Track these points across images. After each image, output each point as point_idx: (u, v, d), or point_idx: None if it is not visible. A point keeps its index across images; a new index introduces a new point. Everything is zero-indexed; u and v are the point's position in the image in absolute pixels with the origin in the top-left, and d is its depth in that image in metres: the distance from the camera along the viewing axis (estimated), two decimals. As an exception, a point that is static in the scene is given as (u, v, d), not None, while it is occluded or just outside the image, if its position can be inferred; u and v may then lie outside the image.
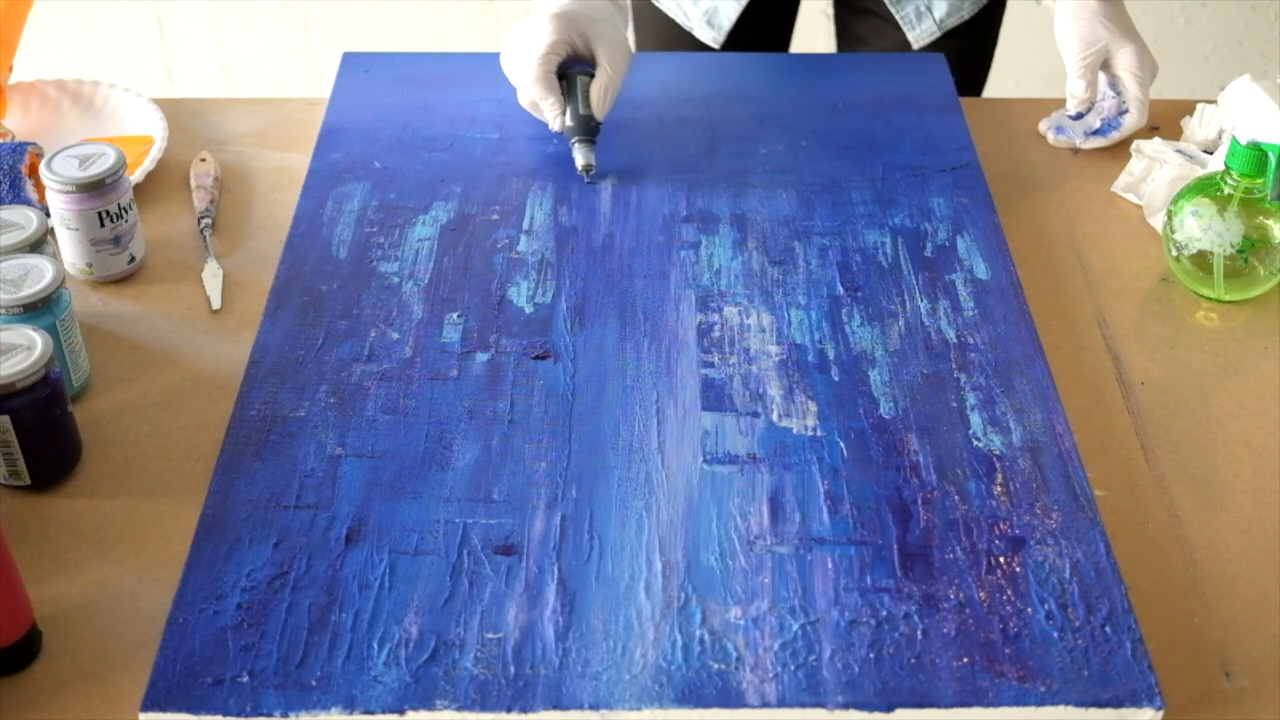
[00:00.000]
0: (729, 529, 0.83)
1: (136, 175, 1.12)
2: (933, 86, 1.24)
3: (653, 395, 0.92)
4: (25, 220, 0.97)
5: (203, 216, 1.10)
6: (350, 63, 1.26)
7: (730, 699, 0.74)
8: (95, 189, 1.01)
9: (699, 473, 0.87)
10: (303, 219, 1.08)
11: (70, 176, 1.00)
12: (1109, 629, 0.78)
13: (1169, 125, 1.22)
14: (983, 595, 0.80)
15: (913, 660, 0.76)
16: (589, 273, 1.03)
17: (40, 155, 1.10)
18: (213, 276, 1.05)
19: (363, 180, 1.12)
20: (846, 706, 0.74)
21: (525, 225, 1.07)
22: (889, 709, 0.74)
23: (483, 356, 0.95)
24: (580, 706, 0.74)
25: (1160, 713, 0.75)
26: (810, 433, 0.90)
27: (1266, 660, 0.80)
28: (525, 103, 1.13)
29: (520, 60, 1.12)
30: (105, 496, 0.89)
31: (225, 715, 0.73)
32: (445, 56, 1.27)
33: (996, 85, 2.33)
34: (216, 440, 0.91)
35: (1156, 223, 1.12)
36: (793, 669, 0.76)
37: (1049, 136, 1.21)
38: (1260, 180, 1.00)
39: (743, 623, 0.78)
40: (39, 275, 0.92)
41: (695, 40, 1.40)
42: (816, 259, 1.04)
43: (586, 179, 1.11)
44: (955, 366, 0.95)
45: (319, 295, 1.00)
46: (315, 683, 0.75)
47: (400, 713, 0.74)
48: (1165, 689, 0.77)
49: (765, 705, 0.74)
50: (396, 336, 0.97)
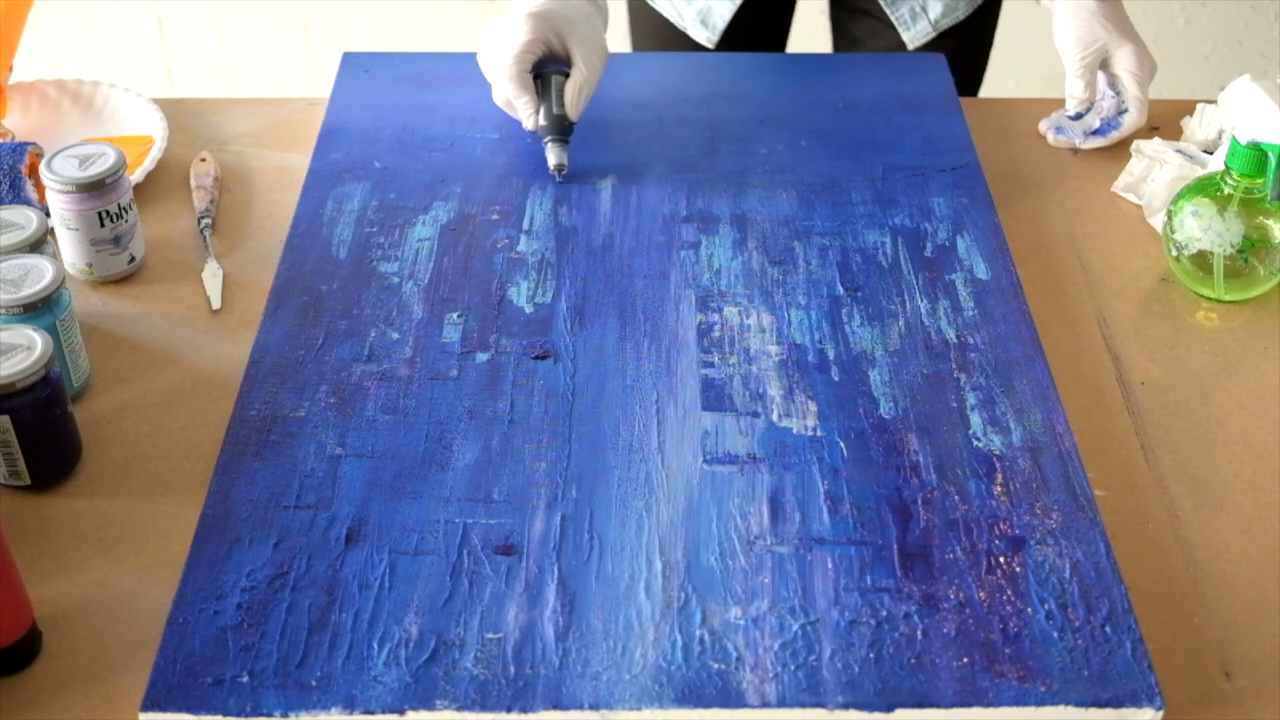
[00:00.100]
0: (729, 529, 0.83)
1: (136, 175, 1.12)
2: (933, 86, 1.24)
3: (653, 395, 0.92)
4: (25, 220, 0.97)
5: (203, 216, 1.10)
6: (350, 63, 1.26)
7: (730, 699, 0.74)
8: (95, 189, 1.01)
9: (699, 473, 0.87)
10: (303, 219, 1.08)
11: (70, 176, 1.00)
12: (1109, 629, 0.78)
13: (1169, 125, 1.22)
14: (983, 595, 0.80)
15: (913, 660, 0.76)
16: (589, 273, 1.03)
17: (40, 155, 1.10)
18: (213, 276, 1.05)
19: (363, 180, 1.12)
20: (846, 706, 0.74)
21: (525, 225, 1.07)
22: (889, 709, 0.74)
23: (483, 356, 0.95)
24: (580, 706, 0.74)
25: (1160, 713, 0.75)
26: (810, 433, 0.90)
27: (1266, 660, 0.80)
28: (500, 101, 1.13)
29: (496, 58, 1.12)
30: (105, 496, 0.89)
31: (225, 715, 0.73)
32: (445, 56, 1.27)
33: (996, 85, 2.33)
34: (216, 440, 0.91)
35: (1156, 223, 1.12)
36: (793, 669, 0.76)
37: (1049, 137, 1.21)
38: (1260, 180, 1.00)
39: (743, 623, 0.78)
40: (39, 275, 0.92)
41: (691, 40, 1.40)
42: (816, 259, 1.04)
43: (558, 178, 1.11)
44: (955, 366, 0.95)
45: (319, 295, 1.00)
46: (315, 683, 0.75)
47: (400, 713, 0.74)
48: (1165, 689, 0.77)
49: (765, 705, 0.74)
50: (396, 336, 0.97)
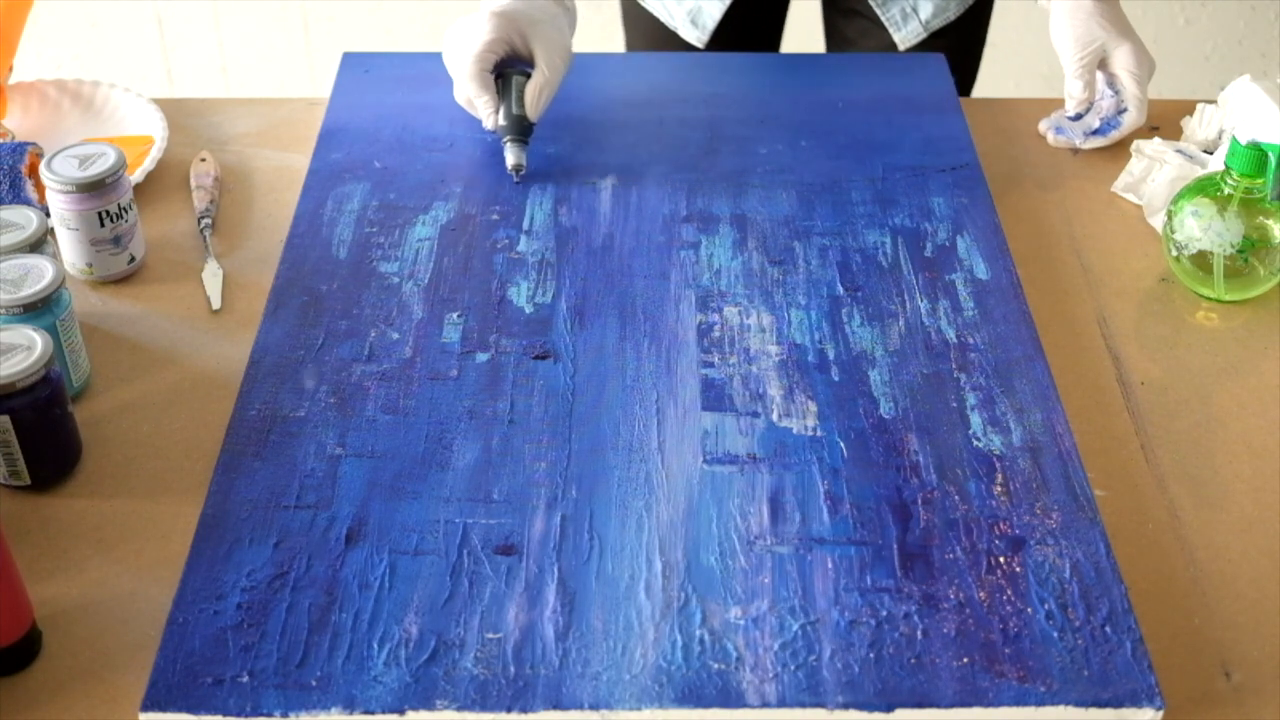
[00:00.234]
0: (729, 529, 0.83)
1: (136, 175, 1.12)
2: (933, 86, 1.24)
3: (653, 395, 0.92)
4: (25, 220, 0.97)
5: (203, 216, 1.10)
6: (350, 63, 1.26)
7: (730, 699, 0.74)
8: (95, 189, 1.01)
9: (699, 473, 0.87)
10: (303, 219, 1.08)
11: (70, 176, 1.00)
12: (1109, 629, 0.78)
13: (1169, 125, 1.22)
14: (983, 595, 0.80)
15: (913, 660, 0.76)
16: (589, 273, 1.03)
17: (40, 155, 1.10)
18: (213, 276, 1.05)
19: (363, 180, 1.12)
20: (846, 706, 0.74)
21: (525, 225, 1.07)
22: (889, 709, 0.74)
23: (483, 356, 0.95)
24: (580, 706, 0.74)
25: (1160, 713, 0.75)
26: (810, 433, 0.90)
27: (1266, 660, 0.80)
28: (460, 99, 1.13)
29: (458, 56, 1.12)
30: (105, 496, 0.89)
31: (225, 715, 0.73)
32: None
33: (996, 85, 2.34)
34: (216, 440, 0.91)
35: (1156, 223, 1.12)
36: (793, 669, 0.76)
37: (1049, 137, 1.21)
38: (1260, 180, 1.00)
39: (743, 623, 0.78)
40: (39, 275, 0.92)
41: (683, 40, 1.40)
42: (816, 259, 1.04)
43: (516, 179, 1.11)
44: (955, 366, 0.95)
45: (319, 295, 1.00)
46: (315, 683, 0.75)
47: (400, 713, 0.74)
48: (1165, 689, 0.77)
49: (765, 705, 0.74)
50: (396, 336, 0.97)
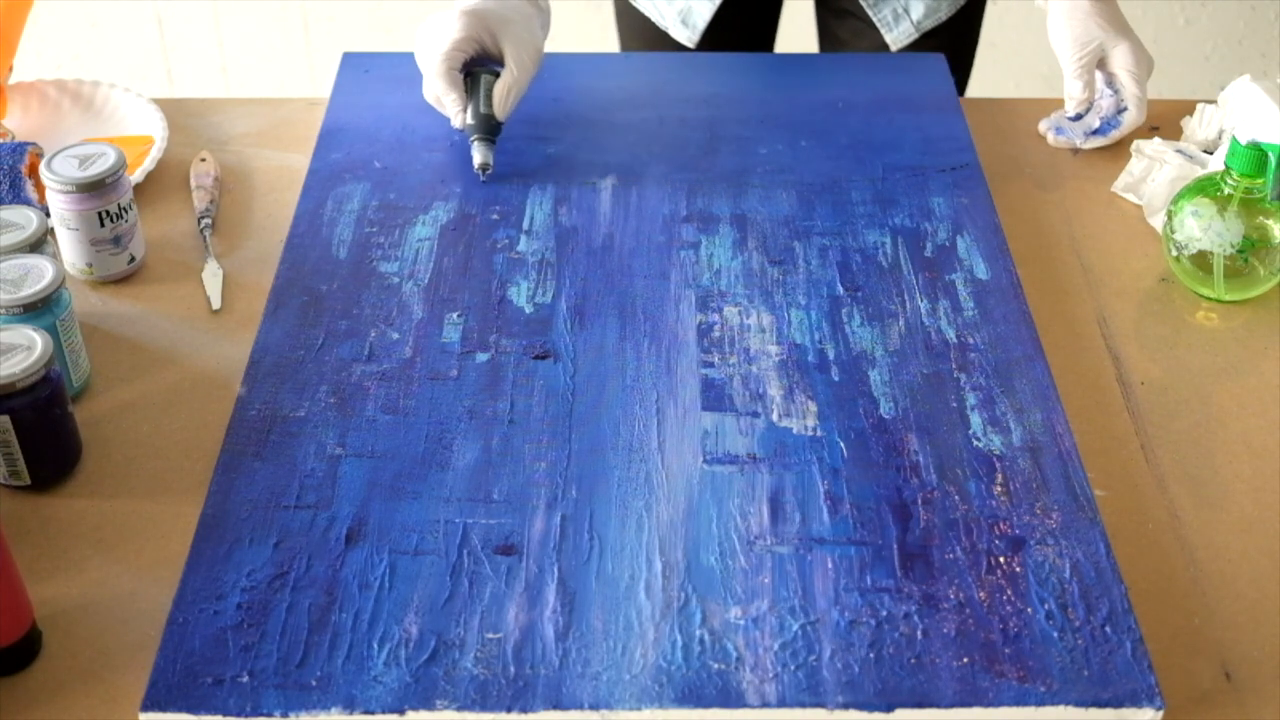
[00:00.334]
0: (729, 529, 0.83)
1: (136, 175, 1.12)
2: (933, 86, 1.24)
3: (653, 395, 0.92)
4: (25, 220, 0.97)
5: (203, 216, 1.10)
6: (350, 63, 1.26)
7: (730, 699, 0.74)
8: (95, 189, 1.01)
9: (699, 473, 0.87)
10: (303, 219, 1.08)
11: (70, 176, 1.00)
12: (1109, 629, 0.78)
13: (1169, 125, 1.22)
14: (983, 595, 0.80)
15: (913, 660, 0.76)
16: (589, 273, 1.03)
17: (40, 155, 1.10)
18: (213, 276, 1.05)
19: (363, 180, 1.12)
20: (846, 706, 0.74)
21: (525, 225, 1.07)
22: (889, 709, 0.74)
23: (483, 356, 0.95)
24: (580, 706, 0.74)
25: (1160, 713, 0.75)
26: (810, 433, 0.90)
27: (1266, 660, 0.80)
28: (429, 97, 1.13)
29: (427, 54, 1.12)
30: (105, 496, 0.89)
31: (225, 715, 0.73)
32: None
33: (996, 85, 2.34)
34: (216, 440, 0.91)
35: (1156, 223, 1.12)
36: (793, 669, 0.76)
37: (1049, 137, 1.21)
38: (1260, 180, 1.00)
39: (743, 623, 0.78)
40: (39, 275, 0.92)
41: (675, 39, 1.40)
42: (816, 259, 1.04)
43: (482, 178, 1.11)
44: (955, 366, 0.95)
45: (319, 295, 1.00)
46: (315, 683, 0.75)
47: (400, 713, 0.74)
48: (1165, 689, 0.77)
49: (765, 705, 0.74)
50: (396, 336, 0.97)
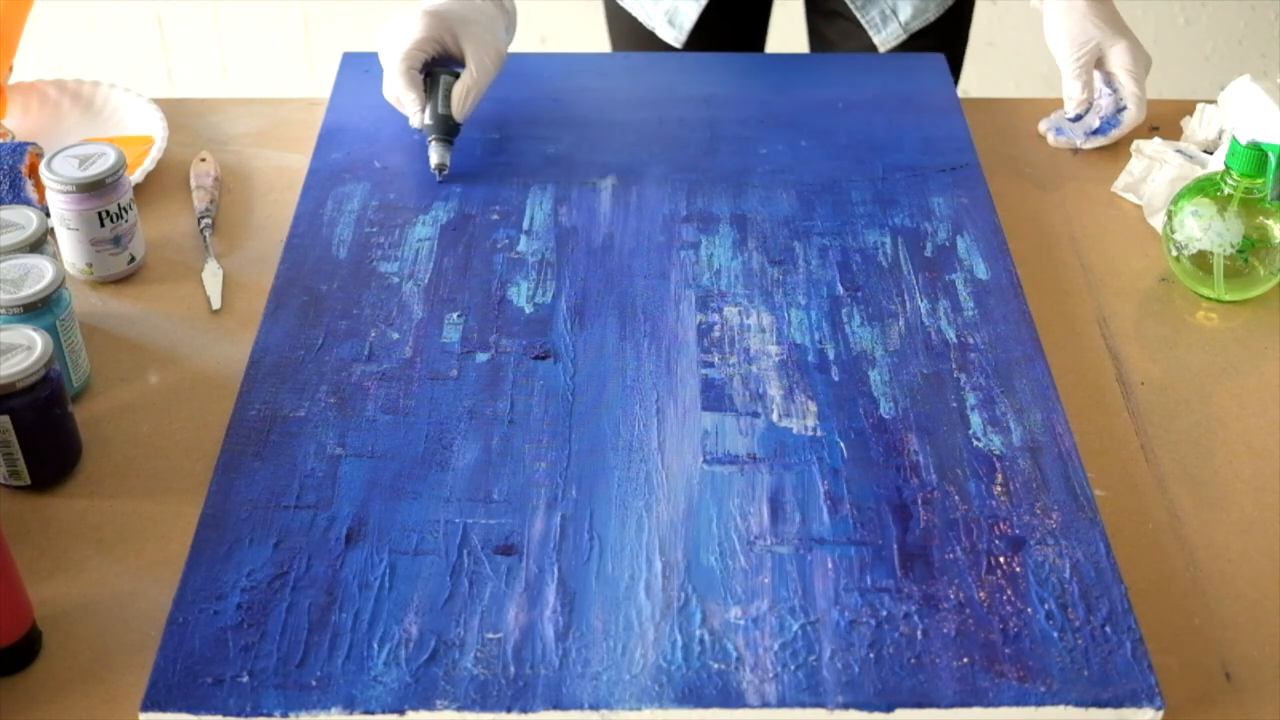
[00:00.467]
0: (729, 529, 0.83)
1: (136, 175, 1.12)
2: (933, 86, 1.24)
3: (653, 395, 0.92)
4: (25, 220, 0.97)
5: (203, 216, 1.10)
6: (350, 63, 1.26)
7: (730, 699, 0.74)
8: (95, 189, 1.01)
9: (699, 473, 0.87)
10: (303, 219, 1.08)
11: (70, 176, 1.00)
12: (1109, 629, 0.78)
13: (1169, 125, 1.22)
14: (983, 595, 0.80)
15: (913, 660, 0.76)
16: (589, 273, 1.03)
17: (40, 155, 1.10)
18: (213, 276, 1.05)
19: (363, 180, 1.12)
20: (846, 706, 0.74)
21: (525, 225, 1.07)
22: (889, 709, 0.74)
23: (483, 356, 0.95)
24: (580, 706, 0.74)
25: (1160, 713, 0.75)
26: (810, 433, 0.90)
27: (1266, 660, 0.80)
28: (389, 96, 1.13)
29: (387, 53, 1.12)
30: (105, 496, 0.89)
31: (225, 715, 0.73)
32: (445, 56, 1.27)
33: (996, 85, 2.34)
34: (216, 440, 0.91)
35: (1156, 223, 1.12)
36: (793, 669, 0.76)
37: (1049, 138, 1.21)
38: (1260, 180, 1.00)
39: (743, 623, 0.78)
40: (39, 275, 0.92)
41: (662, 40, 1.40)
42: (816, 259, 1.04)
43: (438, 178, 1.11)
44: (955, 366, 0.95)
45: (319, 295, 1.00)
46: (315, 683, 0.75)
47: (400, 713, 0.74)
48: (1165, 689, 0.77)
49: (765, 705, 0.74)
50: (396, 336, 0.97)
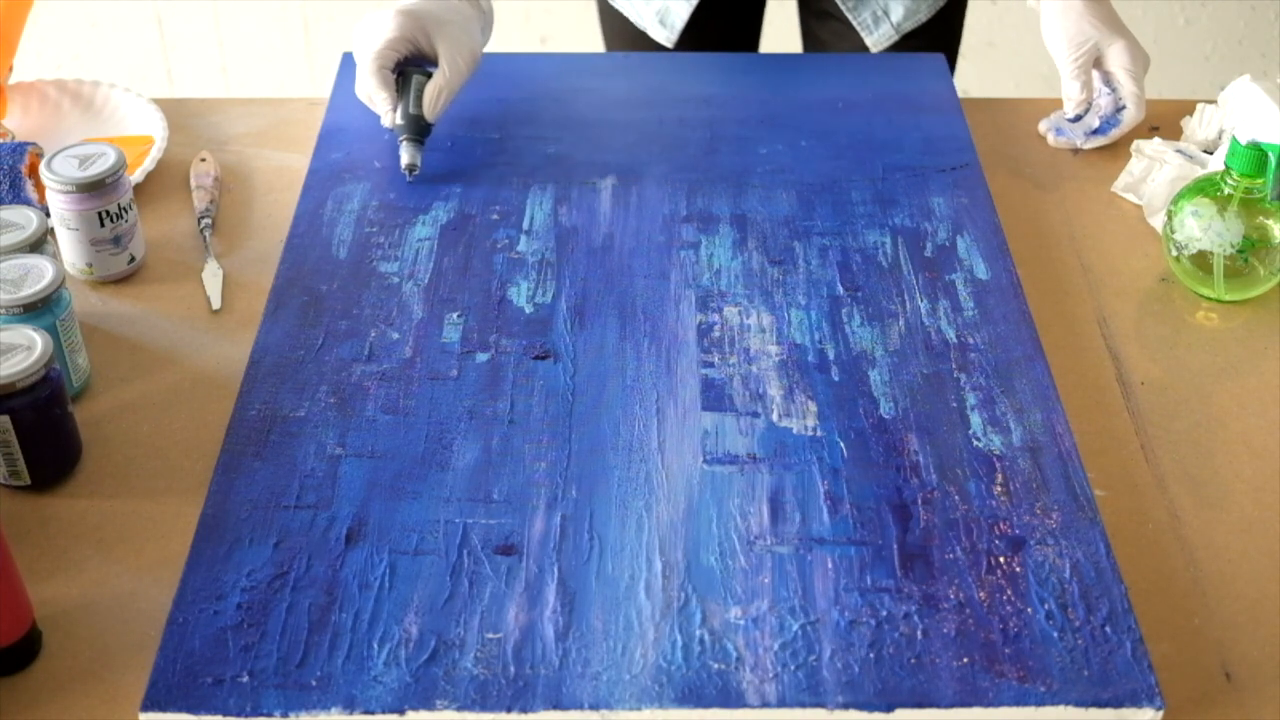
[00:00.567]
0: (729, 529, 0.83)
1: (136, 175, 1.12)
2: (933, 86, 1.24)
3: (653, 395, 0.92)
4: (25, 220, 0.97)
5: (203, 216, 1.10)
6: (350, 63, 1.26)
7: (730, 699, 0.74)
8: (95, 189, 1.01)
9: (699, 473, 0.87)
10: (303, 219, 1.08)
11: (70, 176, 1.00)
12: (1109, 629, 0.78)
13: (1169, 125, 1.22)
14: (983, 595, 0.80)
15: (913, 660, 0.76)
16: (589, 273, 1.03)
17: (40, 155, 1.10)
18: (213, 276, 1.05)
19: (363, 180, 1.12)
20: (846, 706, 0.74)
21: (525, 225, 1.07)
22: (889, 709, 0.74)
23: (483, 356, 0.95)
24: (580, 706, 0.74)
25: (1160, 713, 0.75)
26: (810, 433, 0.90)
27: (1266, 660, 0.80)
28: (361, 95, 1.13)
29: (360, 52, 1.12)
30: (105, 496, 0.89)
31: (225, 715, 0.73)
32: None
33: (996, 85, 2.34)
34: (216, 440, 0.91)
35: (1156, 223, 1.12)
36: (793, 669, 0.76)
37: (1049, 138, 1.21)
38: (1260, 180, 1.00)
39: (743, 623, 0.78)
40: (39, 275, 0.92)
41: (654, 40, 1.40)
42: (816, 259, 1.04)
43: (409, 178, 1.11)
44: (955, 366, 0.95)
45: (319, 295, 1.00)
46: (315, 683, 0.75)
47: (400, 713, 0.74)
48: (1165, 689, 0.77)
49: (765, 705, 0.74)
50: (396, 336, 0.97)
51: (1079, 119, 1.20)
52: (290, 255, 1.04)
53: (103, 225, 1.02)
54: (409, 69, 1.12)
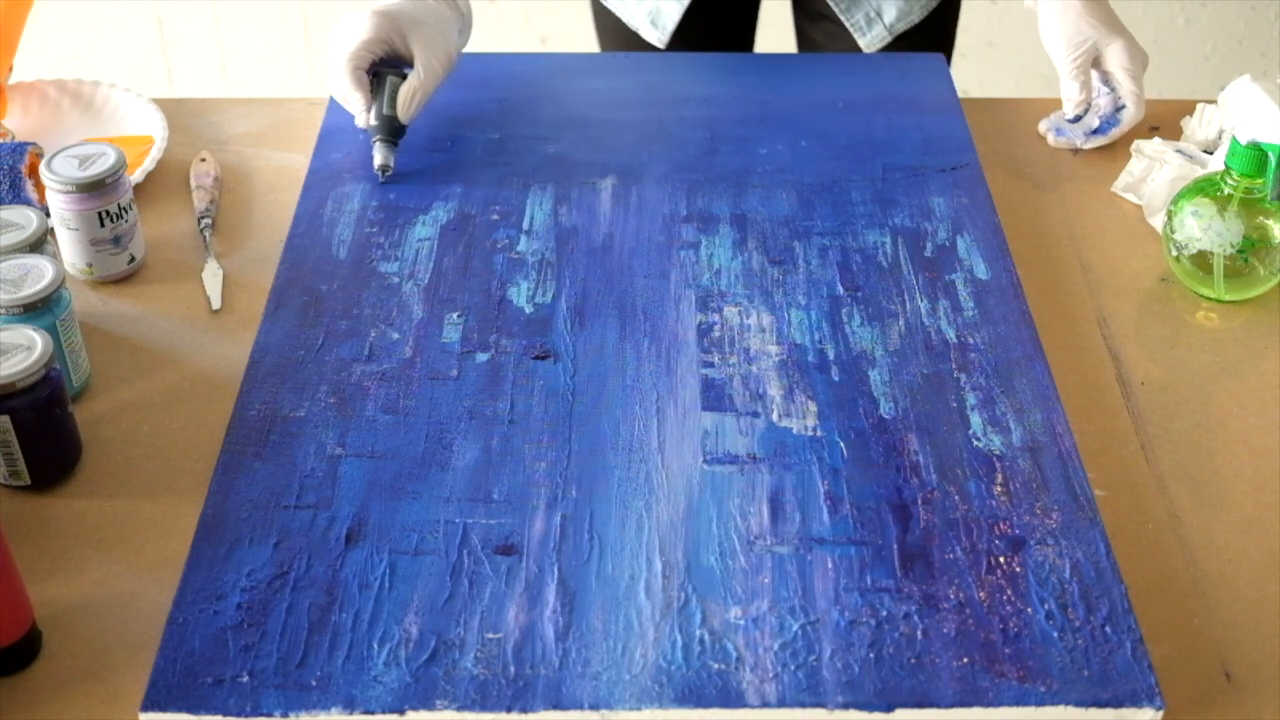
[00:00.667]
0: (729, 529, 0.83)
1: (136, 175, 1.12)
2: (933, 86, 1.24)
3: (653, 395, 0.92)
4: (25, 220, 0.97)
5: (203, 216, 1.10)
6: (350, 63, 1.26)
7: (730, 699, 0.74)
8: (95, 189, 1.01)
9: (699, 473, 0.87)
10: (303, 219, 1.08)
11: (70, 176, 1.00)
12: (1109, 629, 0.78)
13: (1169, 125, 1.22)
14: (983, 595, 0.80)
15: (913, 660, 0.76)
16: (589, 273, 1.03)
17: (40, 155, 1.10)
18: (213, 276, 1.05)
19: (363, 180, 1.12)
20: (846, 706, 0.74)
21: (525, 225, 1.07)
22: (889, 709, 0.74)
23: (483, 356, 0.95)
24: (580, 706, 0.74)
25: (1160, 713, 0.75)
26: (810, 433, 0.90)
27: (1266, 660, 0.80)
28: (335, 95, 1.13)
29: (335, 52, 1.12)
30: (105, 496, 0.89)
31: (225, 715, 0.73)
32: (445, 56, 1.27)
33: (996, 85, 2.34)
34: (216, 440, 0.91)
35: (1156, 223, 1.12)
36: (793, 669, 0.76)
37: (1049, 139, 1.21)
38: (1260, 180, 1.00)
39: (743, 623, 0.78)
40: (39, 275, 0.92)
41: (646, 40, 1.40)
42: (816, 259, 1.04)
43: (381, 179, 1.11)
44: (955, 366, 0.95)
45: (319, 295, 1.00)
46: (315, 683, 0.75)
47: (400, 713, 0.74)
48: (1165, 689, 0.77)
49: (765, 705, 0.74)
50: (396, 336, 0.97)
51: (1078, 119, 1.20)
52: (290, 255, 1.04)
53: (103, 225, 1.02)
54: (383, 70, 1.12)
